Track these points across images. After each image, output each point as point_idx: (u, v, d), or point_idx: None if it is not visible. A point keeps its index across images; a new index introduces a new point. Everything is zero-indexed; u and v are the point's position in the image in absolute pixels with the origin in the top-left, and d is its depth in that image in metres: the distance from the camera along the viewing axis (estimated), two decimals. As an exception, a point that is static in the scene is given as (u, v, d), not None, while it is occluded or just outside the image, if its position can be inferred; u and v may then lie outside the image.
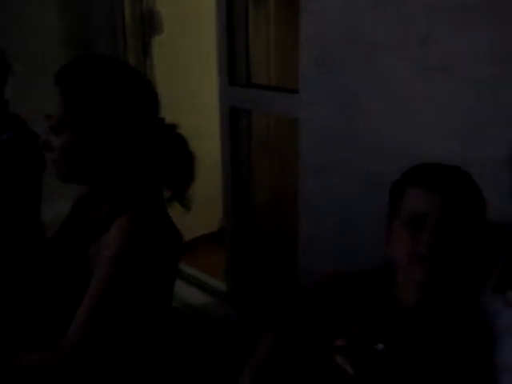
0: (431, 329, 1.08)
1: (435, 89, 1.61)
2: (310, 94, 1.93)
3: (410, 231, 1.07)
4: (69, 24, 3.00)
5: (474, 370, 1.03)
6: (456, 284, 1.09)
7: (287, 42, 2.11)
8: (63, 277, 1.34)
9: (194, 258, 3.27)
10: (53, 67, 1.31)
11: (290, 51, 2.08)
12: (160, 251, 1.28)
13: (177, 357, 2.30)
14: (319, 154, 1.96)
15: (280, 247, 2.67)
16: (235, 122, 2.52)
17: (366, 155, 1.82)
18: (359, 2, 1.73)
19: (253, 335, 2.46)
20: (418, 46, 1.61)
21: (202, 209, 3.41)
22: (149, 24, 3.02)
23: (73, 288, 1.28)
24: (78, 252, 1.32)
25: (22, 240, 1.77)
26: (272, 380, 1.15)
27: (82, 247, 1.32)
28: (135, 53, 3.06)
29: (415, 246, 1.06)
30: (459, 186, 1.09)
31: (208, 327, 2.72)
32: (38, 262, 1.46)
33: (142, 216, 1.26)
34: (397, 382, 1.07)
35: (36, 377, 1.20)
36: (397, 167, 1.20)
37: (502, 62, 1.44)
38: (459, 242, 1.04)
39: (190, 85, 3.29)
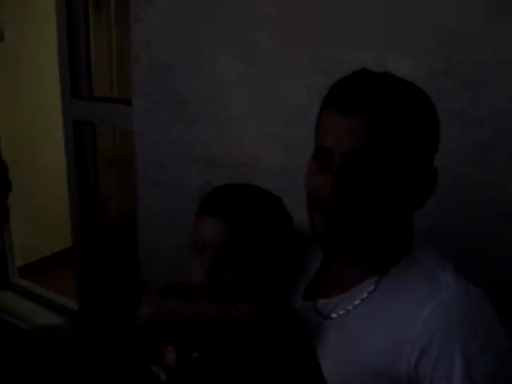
0: (240, 339, 1.08)
1: (259, 98, 1.65)
2: (143, 106, 1.92)
3: (197, 260, 1.08)
4: None
5: None
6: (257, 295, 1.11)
7: (128, 51, 2.09)
8: None
9: (44, 278, 3.15)
10: None
11: (129, 61, 2.05)
12: None
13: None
14: (155, 167, 1.95)
15: (128, 262, 2.62)
16: (79, 135, 2.46)
17: (199, 168, 1.83)
18: (190, 12, 1.75)
19: (105, 354, 2.43)
20: (243, 58, 1.65)
21: (54, 225, 3.33)
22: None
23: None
24: None
25: None
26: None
27: None
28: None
29: (201, 276, 1.06)
30: (248, 212, 1.06)
31: (60, 348, 2.62)
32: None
33: None
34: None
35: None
36: (230, 179, 1.19)
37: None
38: (246, 267, 1.05)
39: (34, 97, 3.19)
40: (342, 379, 0.94)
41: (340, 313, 1.00)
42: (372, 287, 0.97)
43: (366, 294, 0.98)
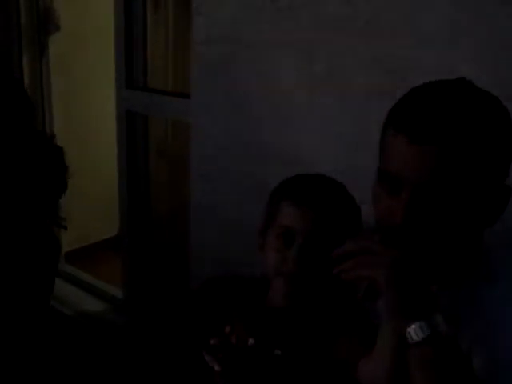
0: (299, 326, 1.10)
1: (320, 97, 1.64)
2: (201, 99, 1.93)
3: (279, 245, 1.08)
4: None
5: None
6: (323, 293, 1.10)
7: (185, 46, 2.10)
8: None
9: (91, 265, 3.20)
10: None
11: (187, 55, 2.06)
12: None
13: (66, 364, 2.25)
14: (210, 160, 1.95)
15: (176, 254, 2.64)
16: (132, 126, 2.48)
17: (254, 162, 1.82)
18: (250, 7, 1.74)
19: (148, 342, 2.45)
20: (304, 55, 1.64)
21: (102, 213, 3.37)
22: (45, 22, 2.92)
23: None
24: None
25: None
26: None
27: None
28: (31, 51, 2.95)
29: (282, 262, 1.07)
30: (330, 201, 1.08)
31: (104, 335, 2.65)
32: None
33: None
34: (265, 377, 1.08)
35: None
36: (282, 175, 1.19)
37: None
38: (326, 256, 1.05)
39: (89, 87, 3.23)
40: None
41: None
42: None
43: None
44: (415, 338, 0.84)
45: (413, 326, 0.84)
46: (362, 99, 1.55)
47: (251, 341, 1.09)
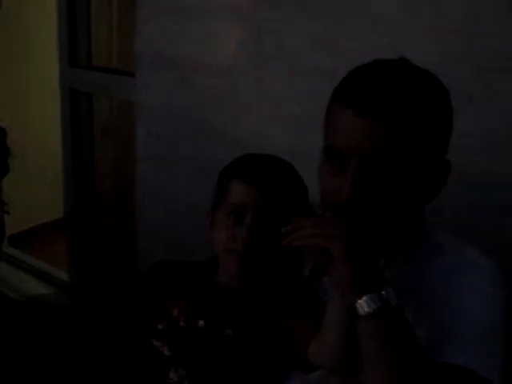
0: (249, 305, 1.10)
1: (267, 77, 1.64)
2: (146, 77, 1.90)
3: (229, 223, 1.08)
4: None
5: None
6: (272, 270, 1.11)
7: (129, 23, 2.06)
8: None
9: (37, 247, 3.13)
10: None
11: (131, 32, 2.03)
12: None
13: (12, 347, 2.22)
14: (155, 139, 1.94)
15: (123, 235, 2.62)
16: (76, 105, 2.44)
17: (202, 141, 1.82)
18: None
19: (94, 324, 2.43)
20: (252, 32, 1.63)
21: (48, 195, 3.30)
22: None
23: None
24: None
25: None
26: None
27: None
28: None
29: (232, 240, 1.06)
30: (279, 179, 1.09)
31: (49, 317, 2.62)
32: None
33: None
34: (216, 359, 1.08)
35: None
36: (233, 156, 1.18)
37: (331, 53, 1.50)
38: (276, 234, 1.06)
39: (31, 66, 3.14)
40: None
41: None
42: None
43: None
44: (366, 309, 0.84)
45: (364, 298, 0.84)
46: (310, 80, 1.56)
47: (201, 323, 1.08)
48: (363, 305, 0.85)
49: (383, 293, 0.85)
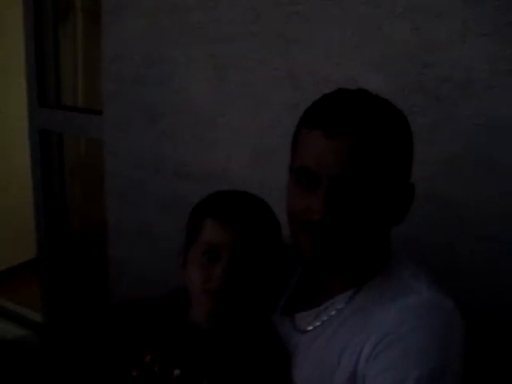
0: (225, 351, 1.08)
1: (233, 112, 1.66)
2: (114, 115, 1.91)
3: (204, 262, 1.07)
4: None
5: None
6: (247, 310, 1.10)
7: (96, 62, 2.07)
8: None
9: (8, 289, 3.09)
10: None
11: (98, 71, 2.04)
12: None
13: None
14: (124, 177, 1.93)
15: (95, 274, 2.59)
16: (46, 144, 2.43)
17: (170, 179, 1.82)
18: (159, 24, 1.75)
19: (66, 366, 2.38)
20: (215, 70, 1.65)
21: (18, 236, 3.26)
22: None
23: None
24: None
25: None
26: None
27: None
28: None
29: (208, 280, 1.05)
30: (253, 217, 1.09)
31: (23, 361, 2.56)
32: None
33: None
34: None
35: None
36: (201, 192, 1.18)
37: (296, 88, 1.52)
38: (251, 272, 1.06)
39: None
40: None
41: (316, 325, 1.01)
42: (348, 299, 0.98)
43: (342, 305, 0.99)
44: None
45: None
46: (273, 113, 1.58)
47: (177, 372, 1.04)
48: None
49: None
